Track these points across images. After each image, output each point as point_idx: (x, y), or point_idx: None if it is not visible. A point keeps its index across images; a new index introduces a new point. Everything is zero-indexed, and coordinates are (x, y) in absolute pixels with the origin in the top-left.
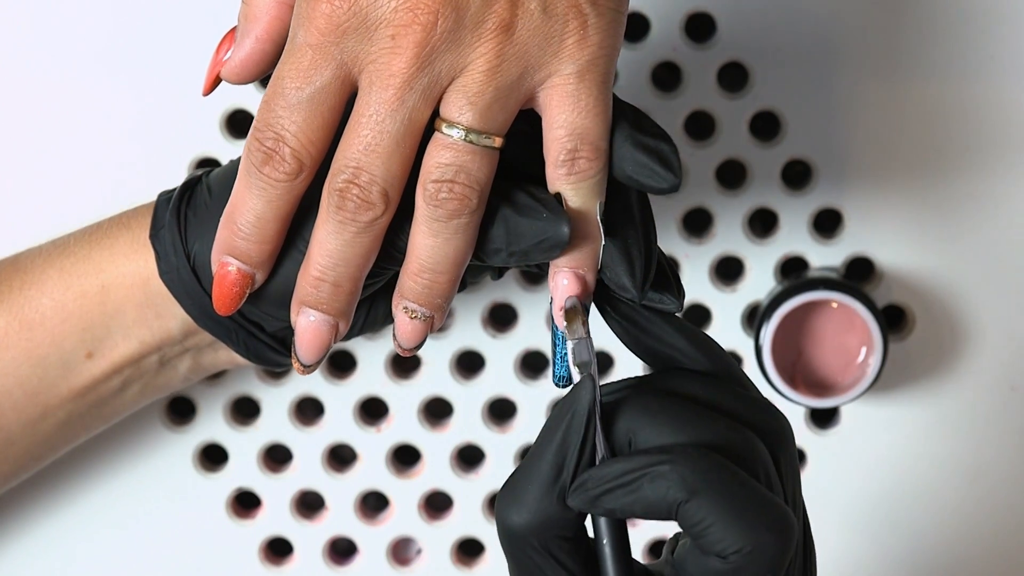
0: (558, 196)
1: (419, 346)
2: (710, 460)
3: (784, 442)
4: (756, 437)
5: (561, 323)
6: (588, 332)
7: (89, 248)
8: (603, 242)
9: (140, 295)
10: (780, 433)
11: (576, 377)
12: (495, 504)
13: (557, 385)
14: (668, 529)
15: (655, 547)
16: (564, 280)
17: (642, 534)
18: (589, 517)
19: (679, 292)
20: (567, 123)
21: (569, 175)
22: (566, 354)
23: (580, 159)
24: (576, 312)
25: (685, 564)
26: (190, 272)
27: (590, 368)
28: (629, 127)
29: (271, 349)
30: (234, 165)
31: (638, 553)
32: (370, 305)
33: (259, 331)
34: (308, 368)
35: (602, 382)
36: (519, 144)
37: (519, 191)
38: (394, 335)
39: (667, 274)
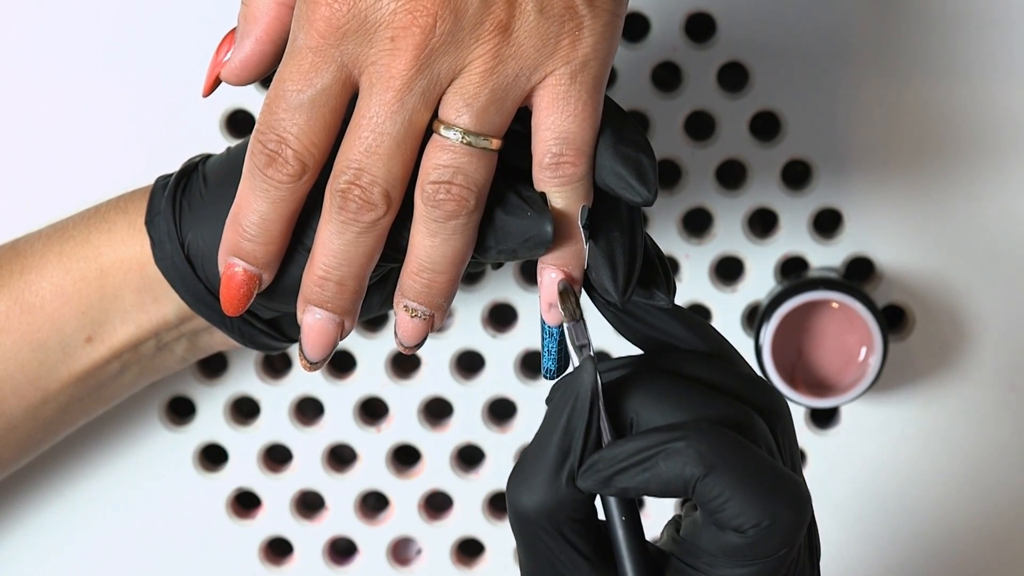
0: (544, 195)
1: (420, 344)
2: (724, 436)
3: (781, 418)
4: (755, 413)
5: (548, 318)
6: (582, 315)
7: (88, 232)
8: (586, 245)
9: (137, 279)
10: (777, 410)
11: (575, 360)
12: (506, 488)
13: (546, 378)
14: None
15: None
16: (551, 274)
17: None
18: (599, 498)
19: (670, 287)
20: (554, 126)
21: (553, 178)
22: (553, 348)
23: (564, 163)
24: (569, 295)
25: (698, 541)
26: (184, 260)
27: (588, 350)
28: (612, 135)
29: (265, 335)
30: (230, 154)
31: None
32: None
33: (253, 318)
34: (315, 365)
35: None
36: (514, 143)
37: (507, 190)
38: (395, 333)
39: (657, 270)
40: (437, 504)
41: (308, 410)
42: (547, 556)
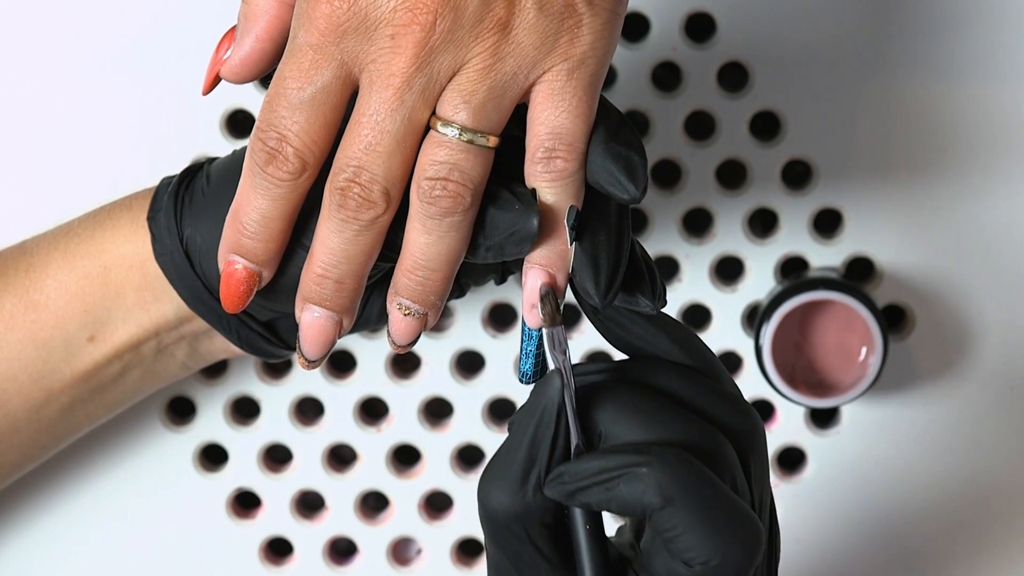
0: (535, 192)
1: (413, 343)
2: (687, 466)
3: (755, 442)
4: (726, 439)
5: (530, 319)
6: (561, 321)
7: (93, 229)
8: (571, 246)
9: (139, 277)
10: (752, 433)
11: (551, 365)
12: (477, 488)
13: (521, 382)
14: None
15: None
16: (535, 277)
17: None
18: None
19: (656, 294)
20: (548, 121)
21: (545, 172)
22: (532, 350)
23: (557, 158)
24: (548, 300)
25: (651, 559)
26: (183, 256)
27: (566, 358)
28: (606, 133)
29: (262, 338)
30: (235, 156)
31: None
32: (364, 303)
33: (250, 319)
34: (312, 363)
35: (582, 363)
36: (513, 148)
37: (498, 187)
38: (388, 332)
39: (643, 276)
40: (437, 504)
41: (308, 410)
42: (511, 553)
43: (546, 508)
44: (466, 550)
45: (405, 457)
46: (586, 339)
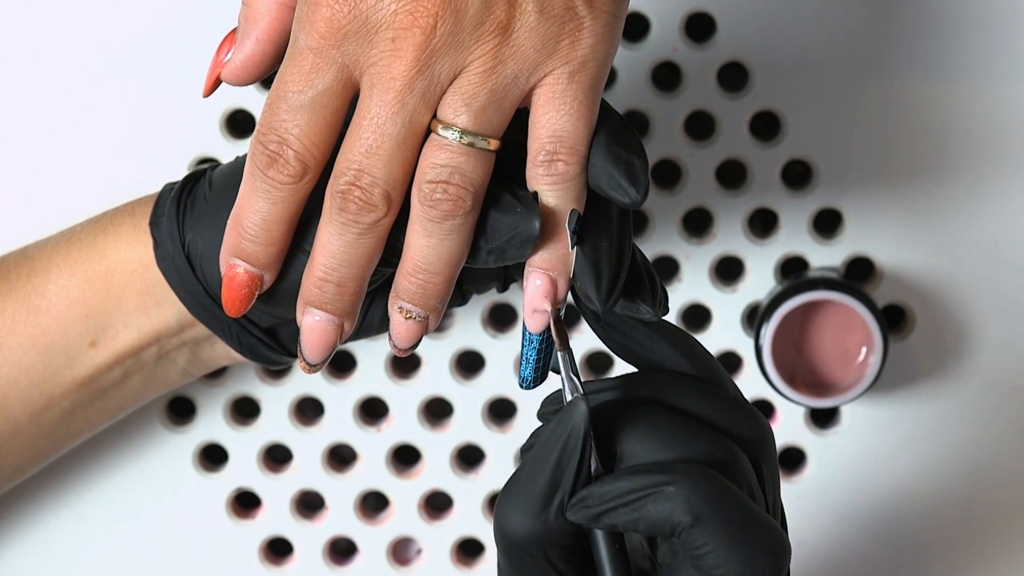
0: (536, 195)
1: (414, 347)
2: (712, 483)
3: (766, 448)
4: (740, 450)
5: (531, 324)
6: (568, 343)
7: (95, 235)
8: (573, 250)
9: (140, 282)
10: (762, 439)
11: (567, 393)
12: (494, 513)
13: (521, 387)
14: None
15: None
16: (536, 281)
17: None
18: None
19: (656, 301)
20: (549, 124)
21: (546, 175)
22: (532, 355)
23: (558, 161)
24: (561, 323)
25: (675, 574)
26: (185, 261)
27: (577, 383)
28: (607, 136)
29: (263, 344)
30: (238, 162)
31: None
32: (365, 310)
33: (252, 325)
34: (314, 367)
35: (587, 379)
36: (515, 153)
37: (500, 190)
38: (389, 335)
39: (644, 282)
40: (437, 504)
41: (308, 410)
42: (529, 575)
43: (566, 531)
44: (466, 550)
45: (405, 457)
46: (585, 340)
